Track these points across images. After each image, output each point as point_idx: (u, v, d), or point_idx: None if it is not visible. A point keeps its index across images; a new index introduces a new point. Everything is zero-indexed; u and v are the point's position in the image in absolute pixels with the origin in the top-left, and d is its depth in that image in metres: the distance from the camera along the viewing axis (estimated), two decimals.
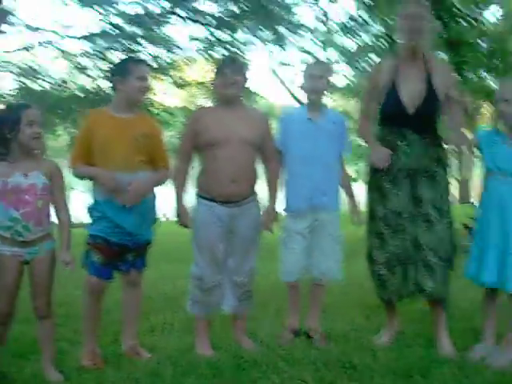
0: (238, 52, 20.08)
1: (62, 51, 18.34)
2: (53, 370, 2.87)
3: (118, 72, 3.05)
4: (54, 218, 2.93)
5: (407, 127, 3.18)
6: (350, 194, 3.59)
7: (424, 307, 3.71)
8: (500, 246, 2.90)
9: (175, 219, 3.25)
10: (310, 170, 3.38)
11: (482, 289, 3.14)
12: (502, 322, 3.10)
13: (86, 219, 3.15)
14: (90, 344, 3.08)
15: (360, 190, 3.83)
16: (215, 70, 3.30)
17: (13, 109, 2.78)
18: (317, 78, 3.40)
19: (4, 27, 15.78)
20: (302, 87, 3.47)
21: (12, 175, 2.70)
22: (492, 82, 10.88)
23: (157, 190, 3.21)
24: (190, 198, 3.32)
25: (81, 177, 3.13)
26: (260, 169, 3.39)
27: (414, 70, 3.23)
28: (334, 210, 3.46)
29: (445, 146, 3.29)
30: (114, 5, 15.39)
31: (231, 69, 3.21)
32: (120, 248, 3.04)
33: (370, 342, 3.25)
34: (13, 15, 15.89)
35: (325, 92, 3.45)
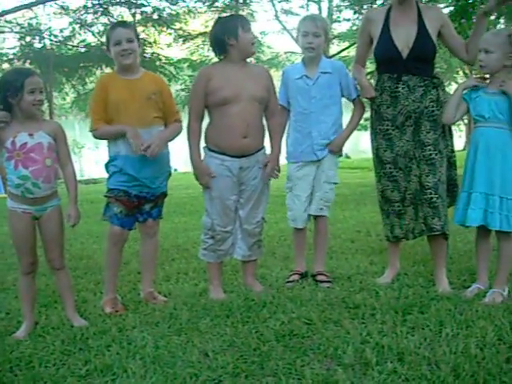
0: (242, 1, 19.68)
1: (64, 7, 18.12)
2: (77, 317, 3.04)
3: (106, 43, 3.21)
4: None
5: (404, 71, 3.21)
6: (346, 133, 3.51)
7: (425, 249, 3.87)
8: (486, 190, 2.99)
9: (194, 177, 3.29)
10: (309, 127, 3.43)
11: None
12: (495, 263, 3.21)
13: (96, 175, 3.27)
14: (111, 292, 3.25)
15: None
16: (232, 23, 3.17)
17: (16, 75, 2.81)
18: (310, 34, 3.37)
19: None
20: (297, 43, 3.43)
21: (18, 135, 2.79)
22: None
23: (169, 144, 3.30)
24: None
25: (104, 137, 3.22)
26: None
27: (405, 15, 3.27)
28: (333, 156, 3.51)
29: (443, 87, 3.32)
30: None
31: (251, 27, 3.21)
32: (138, 200, 3.20)
33: (372, 284, 3.36)
34: None
35: (320, 48, 3.40)
